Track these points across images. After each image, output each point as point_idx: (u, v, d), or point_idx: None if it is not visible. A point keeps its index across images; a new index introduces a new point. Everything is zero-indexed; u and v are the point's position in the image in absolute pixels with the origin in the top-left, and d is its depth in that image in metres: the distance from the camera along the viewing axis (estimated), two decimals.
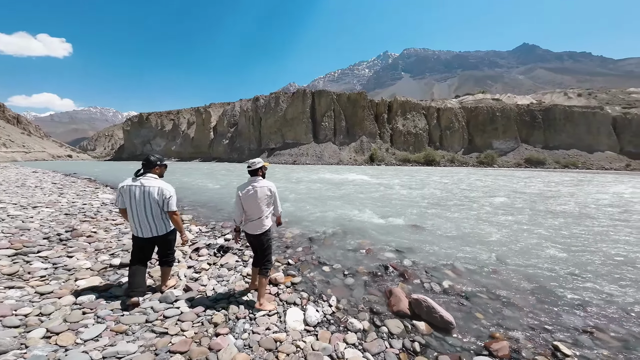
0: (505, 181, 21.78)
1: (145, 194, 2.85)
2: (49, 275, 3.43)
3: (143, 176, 2.93)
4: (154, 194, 2.87)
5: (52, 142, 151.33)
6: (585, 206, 10.28)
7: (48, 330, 2.38)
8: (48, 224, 5.69)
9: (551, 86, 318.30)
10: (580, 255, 4.87)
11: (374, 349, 2.42)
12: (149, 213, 2.88)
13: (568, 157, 71.62)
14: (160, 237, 3.03)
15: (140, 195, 2.85)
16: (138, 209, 2.86)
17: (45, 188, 11.76)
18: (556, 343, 2.48)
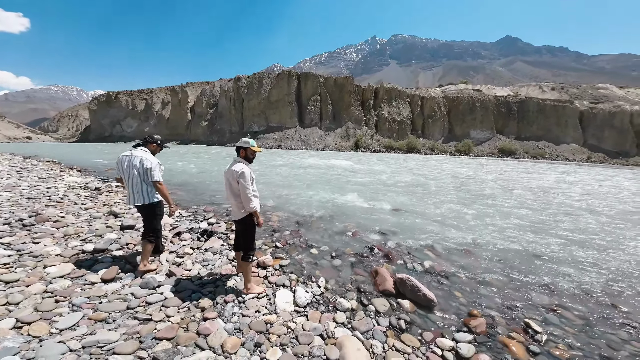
0: (479, 170, 22.91)
1: (130, 164, 3.05)
2: (13, 263, 3.16)
3: (135, 148, 3.17)
4: (136, 164, 3.04)
5: (8, 123, 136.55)
6: (551, 194, 11.09)
7: (18, 320, 2.23)
8: (8, 208, 5.19)
9: (528, 79, 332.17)
10: (546, 238, 5.27)
11: (362, 327, 2.49)
12: (130, 182, 3.05)
13: (537, 148, 76.42)
14: (142, 208, 3.12)
15: (127, 164, 3.06)
16: (125, 177, 3.07)
17: (1, 171, 10.66)
18: (527, 320, 2.68)
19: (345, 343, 2.22)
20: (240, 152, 2.74)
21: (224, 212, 6.31)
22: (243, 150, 2.73)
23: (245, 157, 2.75)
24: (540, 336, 2.50)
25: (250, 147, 2.73)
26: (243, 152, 2.74)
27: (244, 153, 2.74)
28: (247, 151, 2.74)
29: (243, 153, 2.74)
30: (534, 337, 2.49)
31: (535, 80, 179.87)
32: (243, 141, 2.75)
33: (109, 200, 6.50)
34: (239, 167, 2.62)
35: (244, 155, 2.74)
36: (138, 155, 3.09)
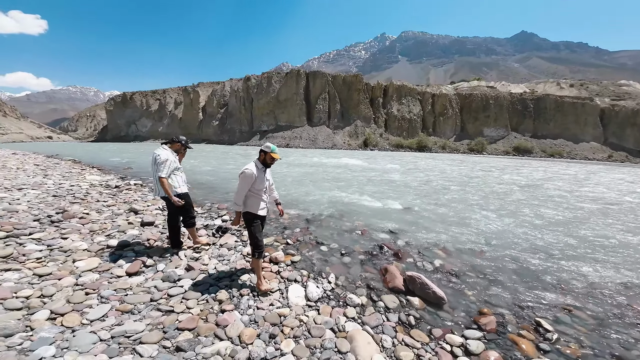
0: (492, 169, 22.37)
1: (152, 160, 3.47)
2: (45, 257, 3.37)
3: (160, 147, 3.58)
4: (154, 161, 3.44)
5: (30, 123, 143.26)
6: (568, 194, 10.76)
7: (52, 311, 2.36)
8: (36, 205, 5.53)
9: (545, 75, 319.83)
10: (559, 238, 5.17)
11: (372, 322, 2.57)
12: (153, 176, 3.48)
13: (554, 147, 73.73)
14: (167, 199, 3.46)
15: (152, 160, 3.49)
16: (152, 172, 3.53)
17: (28, 170, 11.29)
18: (538, 319, 2.69)
19: (356, 337, 2.31)
20: (260, 155, 2.87)
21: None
22: (262, 154, 2.85)
23: (262, 160, 2.86)
24: (551, 335, 2.50)
25: (270, 152, 2.82)
26: (262, 155, 2.86)
27: (263, 156, 2.86)
28: (267, 156, 2.84)
29: (262, 156, 2.86)
30: (544, 336, 2.50)
31: (552, 77, 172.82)
32: (265, 145, 2.85)
33: (129, 197, 6.80)
34: (247, 166, 2.79)
35: (262, 158, 2.86)
36: (157, 153, 3.48)
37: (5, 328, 2.08)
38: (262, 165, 2.87)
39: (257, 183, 2.79)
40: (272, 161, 2.86)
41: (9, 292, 2.53)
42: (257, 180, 2.79)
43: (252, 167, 2.78)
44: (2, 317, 2.21)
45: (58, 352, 1.94)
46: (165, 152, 3.50)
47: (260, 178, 2.82)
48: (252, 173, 2.75)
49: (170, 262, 3.50)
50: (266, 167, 2.89)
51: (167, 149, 3.58)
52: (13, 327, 2.11)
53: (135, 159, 21.05)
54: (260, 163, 2.87)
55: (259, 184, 2.81)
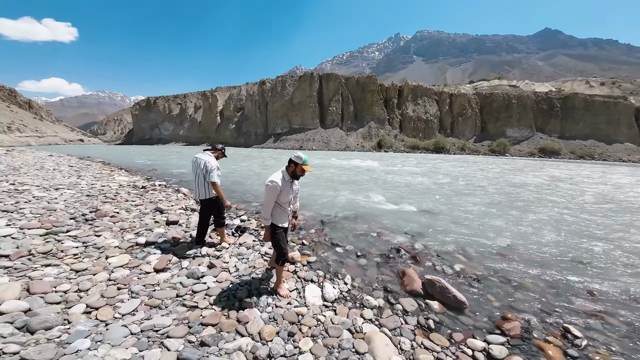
0: (515, 170, 21.36)
1: (197, 165, 3.74)
2: (81, 253, 3.58)
3: (204, 152, 3.85)
4: (201, 165, 3.71)
5: (64, 127, 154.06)
6: (597, 196, 10.08)
7: (88, 305, 2.49)
8: (72, 205, 5.94)
9: (572, 74, 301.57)
10: (589, 243, 4.87)
11: (390, 325, 2.56)
12: (197, 180, 3.74)
13: (585, 148, 69.15)
14: (206, 202, 3.77)
15: (196, 165, 3.76)
16: (193, 175, 3.78)
17: (63, 171, 12.17)
18: (567, 325, 2.57)
19: (374, 338, 2.31)
20: (290, 165, 2.63)
21: (254, 210, 6.68)
22: (293, 165, 2.62)
23: (292, 172, 2.64)
24: (580, 341, 2.40)
25: (302, 164, 2.59)
26: (292, 167, 2.62)
27: (293, 168, 2.63)
28: (297, 168, 2.61)
29: (292, 168, 2.63)
30: (572, 342, 2.40)
31: (580, 75, 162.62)
32: (296, 156, 2.62)
33: (154, 197, 7.17)
34: (273, 176, 2.59)
35: (292, 170, 2.63)
36: (203, 159, 3.74)
37: (46, 321, 2.20)
38: (289, 177, 2.65)
39: (282, 195, 2.60)
40: (303, 173, 2.64)
41: (49, 287, 2.69)
42: (283, 192, 2.60)
43: (277, 178, 2.56)
44: (43, 311, 2.34)
45: (93, 345, 2.04)
46: (212, 159, 3.79)
47: (286, 190, 2.61)
48: (277, 185, 2.53)
49: (193, 259, 3.66)
50: (295, 179, 2.69)
51: (211, 155, 3.83)
52: (53, 320, 2.23)
53: (159, 161, 22.08)
54: (289, 174, 2.65)
55: (284, 197, 2.63)
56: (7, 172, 10.51)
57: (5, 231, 3.91)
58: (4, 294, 2.45)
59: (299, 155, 2.62)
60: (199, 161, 3.73)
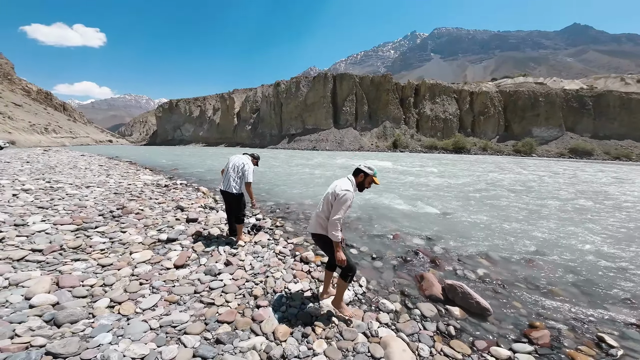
0: (540, 172, 20.12)
1: (238, 162, 4.08)
2: (108, 249, 3.73)
3: (244, 155, 4.25)
4: (241, 163, 4.06)
5: (95, 128, 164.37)
6: (628, 199, 9.26)
7: (111, 300, 2.55)
8: (101, 202, 6.28)
9: (605, 70, 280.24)
10: (626, 249, 4.46)
11: (407, 330, 2.47)
12: (233, 173, 4.02)
13: (620, 148, 64.06)
14: (234, 196, 4.01)
15: (234, 162, 4.09)
16: (231, 170, 4.04)
17: (94, 170, 12.96)
18: (601, 334, 2.37)
19: (390, 343, 2.24)
20: (359, 175, 2.43)
21: (269, 209, 6.75)
22: (362, 175, 2.42)
23: (359, 183, 2.44)
24: (615, 351, 2.21)
25: (373, 176, 2.42)
26: (362, 177, 2.42)
27: (362, 178, 2.43)
28: (367, 179, 2.42)
29: (361, 178, 2.43)
30: (607, 352, 2.21)
31: (614, 72, 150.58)
32: (366, 166, 2.43)
33: (176, 196, 7.44)
34: (346, 185, 2.35)
35: (360, 180, 2.43)
36: (244, 160, 4.11)
37: (72, 315, 2.24)
38: (356, 188, 2.44)
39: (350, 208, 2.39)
40: (369, 186, 2.45)
41: (77, 281, 2.78)
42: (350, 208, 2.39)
43: (352, 189, 2.35)
44: (70, 304, 2.41)
45: (114, 339, 2.07)
46: (251, 162, 4.17)
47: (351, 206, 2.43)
48: (352, 198, 2.34)
49: (211, 256, 3.74)
50: (360, 190, 2.47)
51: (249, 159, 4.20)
52: (79, 314, 2.27)
53: (180, 161, 22.99)
54: (356, 185, 2.43)
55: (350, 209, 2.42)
56: (44, 170, 11.34)
57: (40, 227, 4.17)
58: (35, 288, 2.57)
59: (370, 166, 2.43)
60: (240, 159, 4.08)
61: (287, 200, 7.77)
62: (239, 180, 4.00)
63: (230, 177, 3.98)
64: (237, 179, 3.99)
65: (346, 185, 2.36)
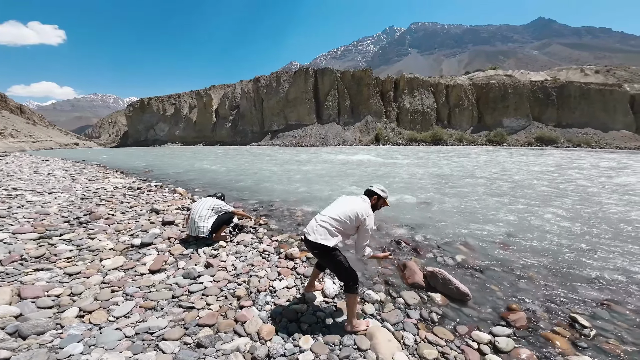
0: (510, 161, 21.36)
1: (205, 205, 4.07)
2: (75, 257, 3.51)
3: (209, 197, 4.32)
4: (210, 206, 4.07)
5: (58, 131, 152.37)
6: (591, 184, 10.08)
7: (81, 309, 2.43)
8: (66, 208, 5.84)
9: (567, 62, 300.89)
10: (591, 230, 4.84)
11: (392, 319, 2.50)
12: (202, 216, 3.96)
13: (581, 136, 69.46)
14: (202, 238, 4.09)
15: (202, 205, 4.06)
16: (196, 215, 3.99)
17: (57, 175, 12.00)
18: (573, 315, 2.52)
19: (376, 334, 2.25)
20: (372, 198, 2.51)
21: (252, 207, 6.59)
22: (376, 198, 2.51)
23: (373, 205, 2.51)
24: (588, 331, 2.35)
25: (385, 199, 2.54)
26: (375, 199, 2.50)
27: (375, 201, 2.51)
28: (380, 201, 2.52)
29: (374, 200, 2.50)
30: (581, 332, 2.35)
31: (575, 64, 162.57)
32: (380, 189, 2.52)
33: (150, 198, 7.06)
34: (367, 208, 2.39)
35: (374, 202, 2.51)
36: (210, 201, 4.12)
37: (38, 326, 2.14)
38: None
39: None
40: (380, 208, 2.56)
41: (41, 291, 2.63)
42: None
43: (372, 214, 2.42)
44: (34, 316, 2.28)
45: (86, 349, 1.99)
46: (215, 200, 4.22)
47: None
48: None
49: (190, 259, 3.58)
50: (373, 211, 2.48)
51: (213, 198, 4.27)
52: (44, 325, 2.17)
53: (155, 162, 21.88)
54: (371, 207, 2.47)
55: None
56: (0, 178, 10.33)
57: None
58: None
59: (383, 189, 2.55)
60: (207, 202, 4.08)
61: (271, 198, 7.62)
62: (209, 219, 3.91)
63: (197, 220, 3.86)
64: (207, 219, 3.89)
65: (367, 207, 2.41)
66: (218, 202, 4.16)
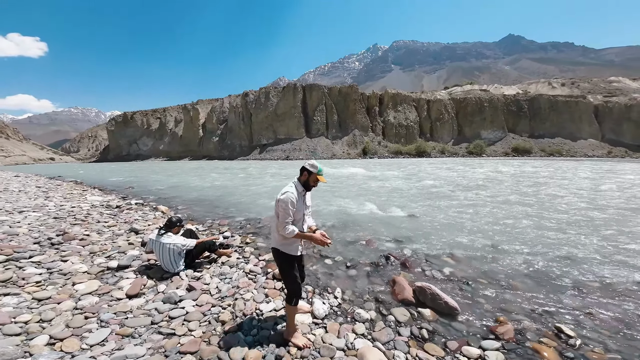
0: (496, 170, 22.30)
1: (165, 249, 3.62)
2: (45, 281, 3.30)
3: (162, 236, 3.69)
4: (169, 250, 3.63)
5: (32, 145, 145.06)
6: (573, 194, 10.65)
7: (51, 336, 2.30)
8: (37, 228, 5.47)
9: (536, 76, 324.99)
10: (572, 239, 5.04)
11: (383, 338, 2.45)
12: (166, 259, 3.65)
13: (553, 146, 74.04)
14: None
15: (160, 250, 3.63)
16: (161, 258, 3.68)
17: (29, 192, 11.29)
18: (558, 325, 2.56)
19: (367, 355, 2.19)
20: (302, 174, 2.34)
21: (238, 225, 6.42)
22: (306, 174, 2.32)
23: (304, 182, 2.33)
24: (574, 340, 2.38)
25: (316, 173, 2.31)
26: (306, 175, 2.32)
27: (306, 177, 2.32)
28: (311, 177, 2.31)
29: (305, 177, 2.32)
30: (567, 342, 2.38)
31: (543, 77, 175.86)
32: (310, 164, 2.32)
33: (129, 217, 6.74)
34: (286, 188, 2.27)
35: (305, 179, 2.33)
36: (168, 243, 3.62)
37: (4, 354, 2.04)
38: (302, 188, 2.33)
39: (295, 212, 2.24)
40: (315, 184, 2.35)
41: (7, 317, 2.48)
42: (296, 208, 2.24)
43: (292, 190, 2.24)
44: (0, 343, 2.15)
45: None
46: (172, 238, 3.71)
47: (299, 205, 2.26)
48: (293, 197, 2.20)
49: (171, 282, 3.40)
50: (307, 190, 2.37)
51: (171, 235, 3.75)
52: (12, 353, 2.05)
53: (137, 178, 21.12)
54: (301, 185, 2.34)
55: (297, 214, 2.26)
56: None
57: None
58: None
59: (314, 163, 2.32)
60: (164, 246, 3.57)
61: (258, 214, 7.46)
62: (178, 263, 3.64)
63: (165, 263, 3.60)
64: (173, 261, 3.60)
65: (286, 188, 2.28)
66: (176, 242, 3.62)
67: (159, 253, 3.60)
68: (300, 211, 2.30)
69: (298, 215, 2.29)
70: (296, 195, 2.25)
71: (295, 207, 2.22)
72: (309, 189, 2.37)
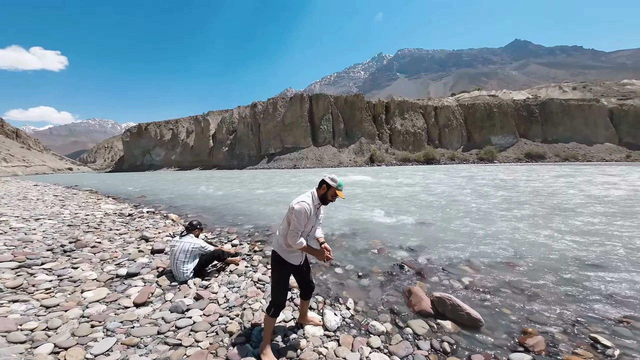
0: (507, 176, 21.66)
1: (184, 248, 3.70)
2: (54, 288, 3.30)
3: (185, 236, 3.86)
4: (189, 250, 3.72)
5: (52, 156, 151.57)
6: (593, 198, 10.14)
7: (56, 345, 2.26)
8: (51, 235, 5.57)
9: (545, 80, 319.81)
10: (600, 245, 4.72)
11: (401, 352, 2.28)
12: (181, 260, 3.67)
13: (568, 150, 71.75)
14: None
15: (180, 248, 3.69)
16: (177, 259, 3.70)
17: (47, 200, 11.65)
18: (594, 335, 2.36)
19: None
20: (321, 187, 2.25)
21: (247, 233, 6.36)
22: (325, 187, 2.22)
23: (322, 196, 2.24)
24: (612, 351, 2.18)
25: (336, 188, 2.20)
26: (324, 188, 2.23)
27: (324, 190, 2.23)
28: (329, 191, 2.22)
29: (324, 189, 2.23)
30: (604, 353, 2.18)
31: (553, 81, 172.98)
32: (330, 177, 2.21)
33: (141, 225, 6.79)
34: (303, 197, 2.20)
35: (323, 192, 2.24)
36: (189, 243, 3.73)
37: None
38: (318, 202, 2.25)
39: (307, 224, 2.20)
40: (333, 199, 2.26)
41: (13, 325, 2.46)
42: (309, 220, 2.19)
43: (308, 201, 2.17)
44: (4, 351, 2.12)
45: None
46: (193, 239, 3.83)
47: (311, 217, 2.20)
48: (308, 210, 2.14)
49: (179, 290, 3.33)
50: (323, 203, 2.29)
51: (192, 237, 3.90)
52: None
53: (149, 188, 21.57)
54: (318, 198, 2.25)
55: (307, 225, 2.21)
56: None
57: None
58: None
59: (334, 177, 2.22)
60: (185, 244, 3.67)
61: (266, 222, 7.40)
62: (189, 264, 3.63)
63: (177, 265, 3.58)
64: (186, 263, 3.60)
65: (303, 197, 2.21)
66: (197, 242, 3.75)
67: (176, 253, 3.62)
68: (311, 223, 2.24)
69: (308, 227, 2.24)
70: (311, 207, 2.19)
71: (308, 218, 2.17)
72: (326, 203, 2.28)
